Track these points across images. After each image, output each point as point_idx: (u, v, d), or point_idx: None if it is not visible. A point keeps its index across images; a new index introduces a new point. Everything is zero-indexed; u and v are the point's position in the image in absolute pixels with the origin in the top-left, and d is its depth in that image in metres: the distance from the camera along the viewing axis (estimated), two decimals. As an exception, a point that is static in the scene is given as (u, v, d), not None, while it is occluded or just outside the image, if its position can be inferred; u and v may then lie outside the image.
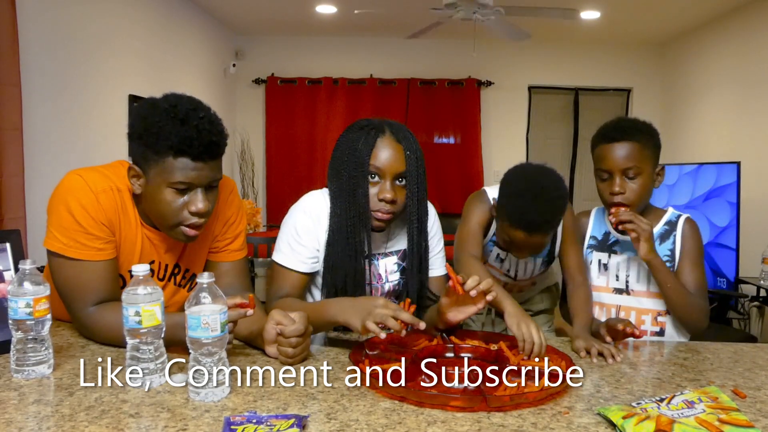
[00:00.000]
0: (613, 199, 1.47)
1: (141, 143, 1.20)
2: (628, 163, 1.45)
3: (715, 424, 0.88)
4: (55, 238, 1.22)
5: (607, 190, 1.49)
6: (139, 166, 1.22)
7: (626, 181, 1.46)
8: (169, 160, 1.17)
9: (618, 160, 1.45)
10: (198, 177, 1.20)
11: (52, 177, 1.30)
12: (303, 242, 1.40)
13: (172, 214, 1.22)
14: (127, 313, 1.03)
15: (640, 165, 1.45)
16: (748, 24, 4.30)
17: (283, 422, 0.87)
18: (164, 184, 1.19)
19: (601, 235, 1.62)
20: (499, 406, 0.97)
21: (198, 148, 1.17)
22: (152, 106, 1.20)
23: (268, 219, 5.62)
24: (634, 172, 1.45)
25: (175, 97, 1.22)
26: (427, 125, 5.76)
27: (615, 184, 1.46)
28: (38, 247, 1.28)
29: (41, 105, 2.87)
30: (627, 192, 1.46)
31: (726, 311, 3.58)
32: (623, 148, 1.45)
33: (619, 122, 1.51)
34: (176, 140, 1.16)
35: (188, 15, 4.63)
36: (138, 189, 1.24)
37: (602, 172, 1.50)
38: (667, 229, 1.55)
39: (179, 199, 1.21)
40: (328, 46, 5.72)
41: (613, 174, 1.47)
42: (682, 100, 5.29)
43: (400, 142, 1.35)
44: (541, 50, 5.64)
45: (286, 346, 1.16)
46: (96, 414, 0.92)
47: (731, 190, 3.60)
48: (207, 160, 1.20)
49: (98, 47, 3.42)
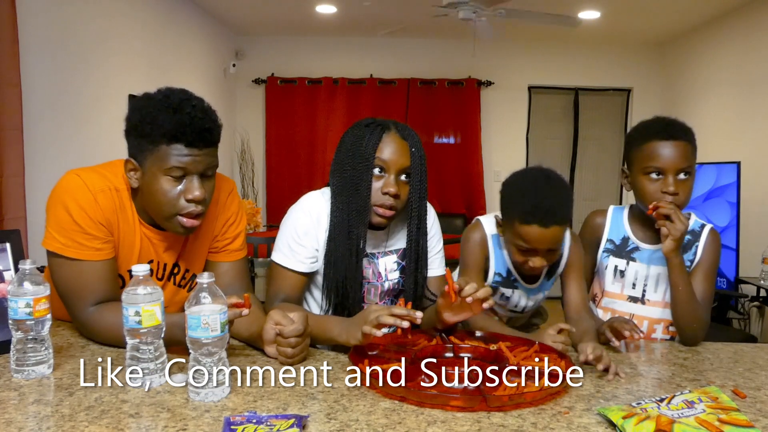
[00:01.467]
0: (665, 200, 1.39)
1: (136, 134, 1.22)
2: (684, 163, 1.39)
3: (715, 424, 0.88)
4: (53, 238, 1.23)
5: (659, 190, 1.41)
6: (136, 159, 1.23)
7: (678, 182, 1.40)
8: (164, 148, 1.19)
9: (675, 158, 1.39)
10: (192, 162, 1.21)
11: (52, 177, 1.30)
12: (302, 242, 1.40)
13: (169, 203, 1.23)
14: (127, 313, 1.03)
15: (692, 166, 1.41)
16: (748, 24, 4.30)
17: (283, 422, 0.87)
18: (160, 173, 1.20)
19: (619, 240, 1.55)
20: (498, 406, 0.97)
21: (191, 135, 1.19)
22: (146, 99, 1.23)
23: (268, 219, 5.62)
24: (688, 173, 1.41)
25: (168, 89, 1.24)
26: (427, 125, 5.76)
27: (669, 183, 1.39)
28: (38, 247, 1.28)
29: (41, 105, 2.87)
30: (680, 193, 1.40)
31: (726, 311, 3.57)
32: (680, 146, 1.40)
33: (671, 121, 1.45)
34: (169, 127, 1.17)
35: (188, 15, 4.63)
36: (135, 182, 1.25)
37: (653, 170, 1.41)
38: (690, 239, 1.49)
39: (175, 188, 1.22)
40: (328, 46, 5.72)
41: (667, 173, 1.40)
42: (682, 100, 5.29)
43: (405, 138, 1.38)
44: (541, 50, 5.64)
45: (285, 346, 1.16)
46: (96, 414, 0.93)
47: (731, 190, 3.60)
48: (201, 147, 1.21)
49: (98, 47, 3.42)
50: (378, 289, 1.48)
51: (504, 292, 1.57)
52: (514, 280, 1.53)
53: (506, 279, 1.53)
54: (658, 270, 1.50)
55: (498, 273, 1.53)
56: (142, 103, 1.22)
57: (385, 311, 1.15)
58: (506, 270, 1.52)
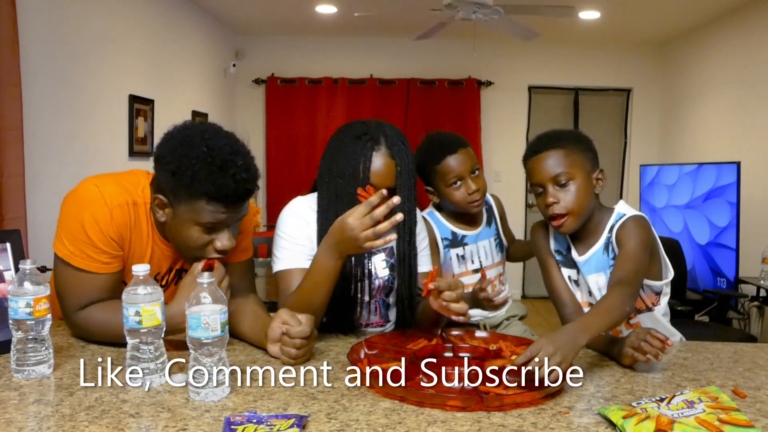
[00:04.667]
0: (552, 211, 1.39)
1: (173, 179, 1.17)
2: (556, 170, 1.39)
3: (715, 424, 0.88)
4: (63, 245, 1.22)
5: (542, 204, 1.41)
6: (166, 196, 1.20)
7: (558, 190, 1.39)
8: (202, 204, 1.16)
9: (545, 169, 1.40)
10: (228, 219, 1.20)
11: (53, 177, 1.30)
12: (299, 241, 1.42)
13: (197, 249, 1.22)
14: (127, 313, 1.03)
15: (570, 170, 1.39)
16: (748, 24, 4.30)
17: (283, 422, 0.87)
18: (192, 222, 1.18)
19: (564, 250, 1.51)
20: (497, 405, 0.97)
21: (233, 198, 1.17)
22: (189, 145, 1.16)
23: (268, 219, 5.61)
24: (566, 178, 1.39)
25: (213, 136, 1.18)
26: (427, 125, 5.74)
27: (548, 195, 1.39)
28: (38, 247, 1.29)
29: (41, 105, 2.87)
30: (561, 200, 1.39)
31: (726, 311, 3.57)
32: (547, 157, 1.40)
33: (541, 136, 1.47)
34: (213, 189, 1.14)
35: (188, 15, 4.63)
36: (162, 218, 1.23)
37: (536, 187, 1.43)
38: (609, 236, 1.43)
39: (205, 237, 1.21)
40: (328, 46, 5.72)
41: (545, 185, 1.40)
42: (682, 100, 5.29)
43: (393, 157, 1.38)
44: (541, 50, 5.63)
45: (290, 346, 1.16)
46: (96, 414, 0.93)
47: (731, 190, 3.60)
48: (238, 203, 1.20)
49: (98, 47, 3.42)
50: (370, 287, 1.49)
51: (457, 252, 1.84)
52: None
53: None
54: (606, 273, 1.43)
55: (445, 239, 1.83)
56: (181, 149, 1.16)
57: (368, 222, 1.17)
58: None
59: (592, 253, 1.44)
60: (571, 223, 1.40)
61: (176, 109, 4.33)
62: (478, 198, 1.78)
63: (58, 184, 2.95)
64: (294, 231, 1.43)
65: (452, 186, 1.77)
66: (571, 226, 1.40)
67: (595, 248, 1.44)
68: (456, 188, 1.76)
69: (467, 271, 1.87)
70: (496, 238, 1.94)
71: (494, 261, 1.91)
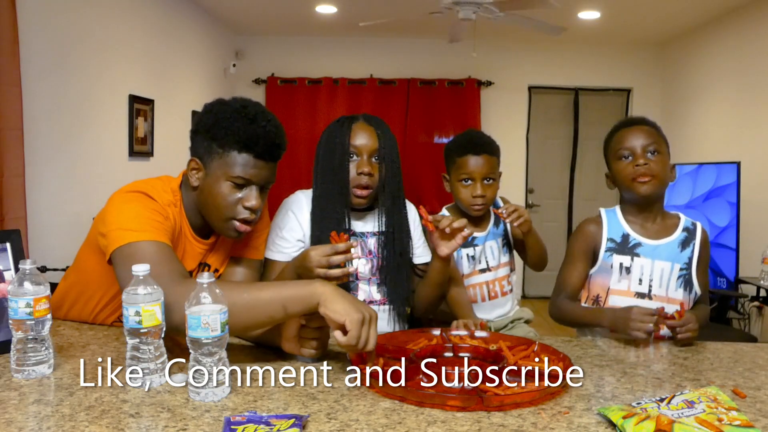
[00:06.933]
0: (641, 171, 1.54)
1: (207, 136, 1.28)
2: (650, 140, 1.57)
3: (715, 424, 0.88)
4: (128, 232, 1.18)
5: (632, 165, 1.56)
6: (201, 159, 1.28)
7: (649, 157, 1.55)
8: (233, 154, 1.25)
9: (640, 137, 1.57)
10: (257, 175, 1.27)
11: (53, 177, 1.31)
12: (283, 235, 1.57)
13: (228, 207, 1.28)
14: (127, 313, 1.03)
15: (659, 145, 1.58)
16: (748, 24, 4.30)
17: (283, 422, 0.87)
18: (223, 177, 1.26)
19: (619, 237, 1.60)
20: (497, 405, 0.97)
21: (262, 147, 1.25)
22: (222, 104, 1.30)
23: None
24: (656, 148, 1.57)
25: (244, 99, 1.32)
26: (427, 125, 5.75)
27: (639, 157, 1.56)
28: (38, 247, 1.28)
29: (41, 105, 2.87)
30: (651, 164, 1.55)
31: (726, 311, 3.58)
32: (642, 129, 1.59)
33: (630, 117, 1.66)
34: (244, 136, 1.24)
35: (188, 15, 4.63)
36: (196, 182, 1.31)
37: (623, 151, 1.59)
38: (686, 236, 1.60)
39: (236, 194, 1.28)
40: (328, 46, 5.72)
41: (636, 151, 1.56)
42: (682, 100, 5.29)
43: (371, 125, 1.58)
44: (541, 50, 5.64)
45: (310, 333, 1.17)
46: (96, 414, 0.93)
47: (731, 190, 3.60)
48: (267, 160, 1.28)
49: (98, 47, 3.42)
50: (369, 265, 1.61)
51: (468, 252, 1.89)
52: None
53: None
54: (662, 265, 1.56)
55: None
56: (217, 108, 1.29)
57: (328, 251, 1.34)
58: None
59: (665, 242, 1.59)
60: (652, 186, 1.55)
61: (176, 109, 4.32)
62: (480, 204, 1.85)
63: (58, 184, 2.95)
64: (281, 223, 1.59)
65: (461, 182, 1.85)
66: (652, 188, 1.55)
67: (670, 239, 1.59)
68: (464, 186, 1.85)
69: (475, 270, 1.92)
70: (504, 238, 1.98)
71: (501, 261, 1.95)
